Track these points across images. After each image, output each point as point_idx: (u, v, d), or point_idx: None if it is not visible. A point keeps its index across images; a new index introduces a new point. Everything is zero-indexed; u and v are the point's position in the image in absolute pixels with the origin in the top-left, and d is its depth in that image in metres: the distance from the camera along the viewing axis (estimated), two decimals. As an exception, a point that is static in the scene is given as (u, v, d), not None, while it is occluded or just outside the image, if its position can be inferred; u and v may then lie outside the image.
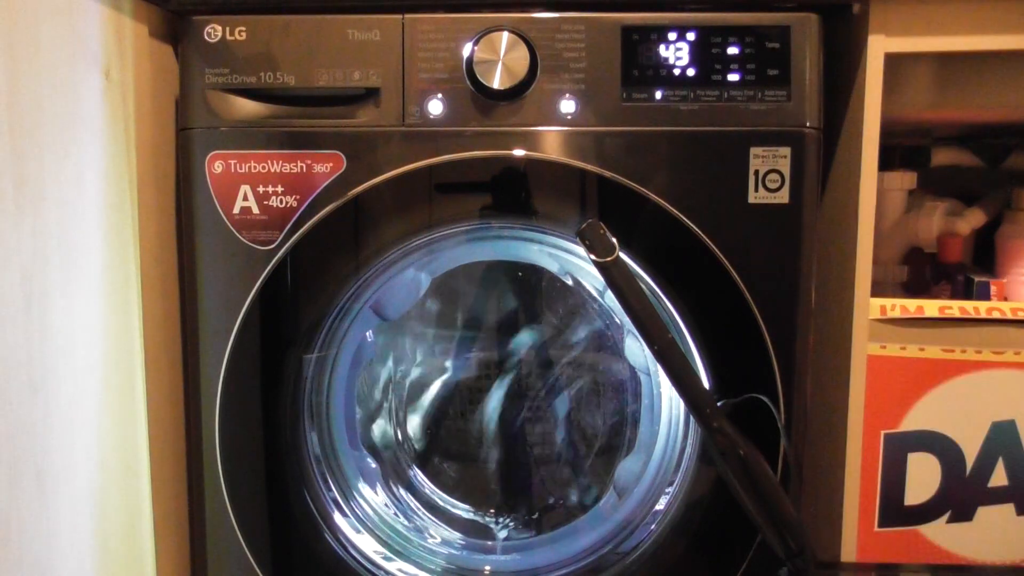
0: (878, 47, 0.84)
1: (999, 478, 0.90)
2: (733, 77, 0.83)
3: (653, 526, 0.92)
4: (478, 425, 1.08)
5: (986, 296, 1.01)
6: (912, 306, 0.89)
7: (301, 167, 0.84)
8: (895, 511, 0.91)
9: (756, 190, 0.83)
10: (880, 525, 0.91)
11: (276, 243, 0.85)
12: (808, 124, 0.84)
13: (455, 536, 1.03)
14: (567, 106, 0.83)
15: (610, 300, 0.98)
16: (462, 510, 1.06)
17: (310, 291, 0.87)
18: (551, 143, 0.84)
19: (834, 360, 0.92)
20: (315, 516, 0.90)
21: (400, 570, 0.94)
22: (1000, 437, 0.90)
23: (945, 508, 0.91)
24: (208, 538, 0.89)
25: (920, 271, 1.13)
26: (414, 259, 0.91)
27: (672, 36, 0.83)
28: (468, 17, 0.84)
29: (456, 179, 0.85)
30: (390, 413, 1.07)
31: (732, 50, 0.83)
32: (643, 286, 0.82)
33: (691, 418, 0.88)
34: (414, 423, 1.08)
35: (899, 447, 0.90)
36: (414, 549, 0.97)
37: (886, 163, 0.91)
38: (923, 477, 0.90)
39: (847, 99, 0.89)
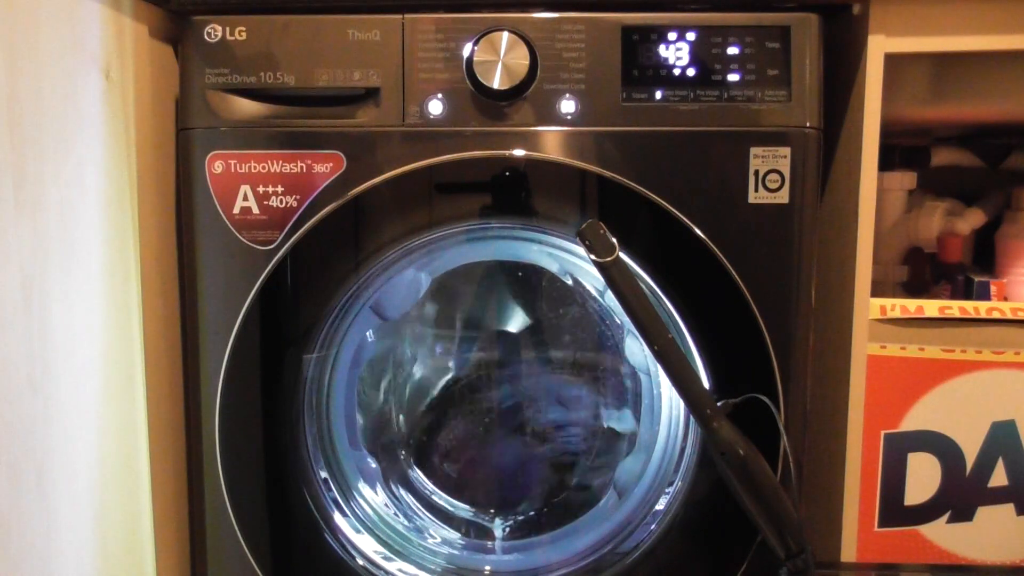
0: (878, 47, 0.84)
1: (999, 478, 0.90)
2: (733, 77, 0.83)
3: (653, 526, 0.92)
4: (478, 425, 1.08)
5: (986, 296, 1.01)
6: (912, 306, 0.89)
7: (301, 167, 0.84)
8: (895, 511, 0.91)
9: (756, 190, 0.84)
10: (880, 525, 0.91)
11: (276, 243, 0.85)
12: (808, 124, 0.84)
13: (455, 536, 1.03)
14: (567, 106, 0.83)
15: (610, 300, 0.98)
16: (462, 510, 1.06)
17: (310, 291, 0.87)
18: (551, 143, 0.84)
19: (834, 360, 0.92)
20: (315, 516, 0.90)
21: (400, 570, 0.94)
22: (1000, 437, 0.90)
23: (945, 508, 0.91)
24: (208, 538, 0.89)
25: (920, 271, 1.13)
26: (414, 259, 0.91)
27: (672, 36, 0.83)
28: (468, 17, 0.84)
29: (456, 179, 0.85)
30: (390, 413, 1.07)
31: (732, 50, 0.83)
32: (643, 286, 0.82)
33: (691, 418, 0.88)
34: (414, 423, 1.08)
35: (899, 447, 0.90)
36: (414, 549, 0.97)
37: (886, 163, 0.91)
38: (923, 477, 0.90)
39: (847, 99, 0.89)
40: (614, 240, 0.80)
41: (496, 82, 0.83)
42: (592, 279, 0.99)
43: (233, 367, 0.86)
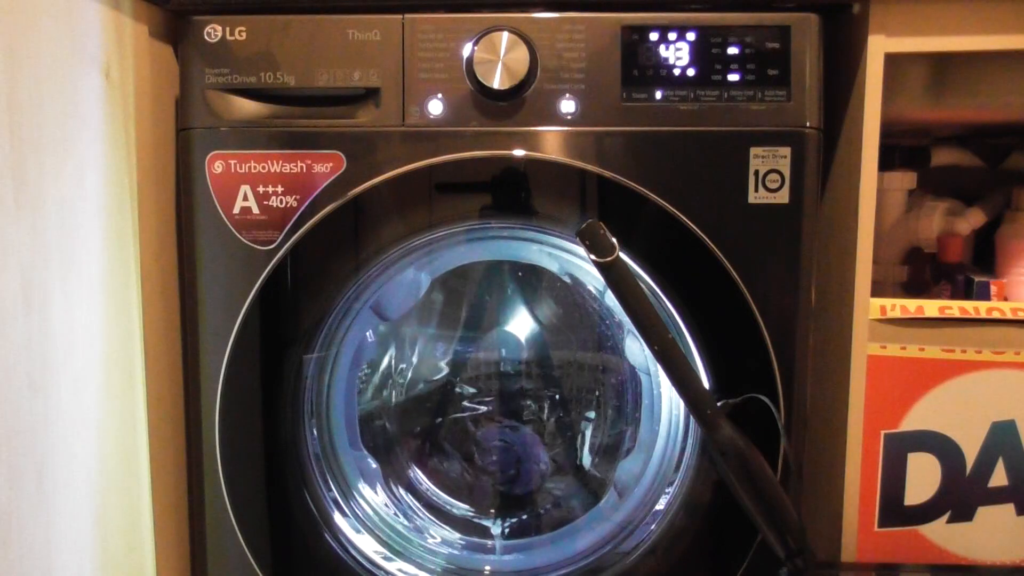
0: (878, 47, 0.84)
1: (999, 478, 0.90)
2: (733, 77, 0.83)
3: (653, 526, 0.92)
4: (478, 425, 1.08)
5: (986, 296, 1.01)
6: (912, 306, 0.89)
7: (301, 167, 0.84)
8: (895, 511, 0.91)
9: (756, 190, 0.84)
10: (880, 525, 0.91)
11: (276, 243, 0.85)
12: (808, 124, 0.84)
13: (455, 536, 1.03)
14: (567, 106, 0.83)
15: (610, 300, 0.98)
16: (462, 510, 1.06)
17: (310, 291, 0.87)
18: (551, 143, 0.84)
19: (834, 360, 0.92)
20: (315, 516, 0.90)
21: (400, 570, 0.94)
22: (1000, 437, 0.90)
23: (945, 508, 0.91)
24: (208, 538, 0.89)
25: (920, 271, 1.13)
26: (414, 259, 0.91)
27: (672, 36, 0.83)
28: (468, 17, 0.84)
29: (456, 179, 0.85)
30: (390, 413, 1.07)
31: (732, 50, 0.83)
32: (643, 286, 0.82)
33: (691, 418, 0.88)
34: (414, 423, 1.08)
35: (899, 447, 0.90)
36: (414, 549, 0.97)
37: (886, 163, 0.91)
38: (923, 477, 0.90)
39: (847, 99, 0.89)
40: (614, 240, 0.80)
41: (496, 82, 0.83)
42: (592, 279, 0.99)
43: (233, 367, 0.86)
